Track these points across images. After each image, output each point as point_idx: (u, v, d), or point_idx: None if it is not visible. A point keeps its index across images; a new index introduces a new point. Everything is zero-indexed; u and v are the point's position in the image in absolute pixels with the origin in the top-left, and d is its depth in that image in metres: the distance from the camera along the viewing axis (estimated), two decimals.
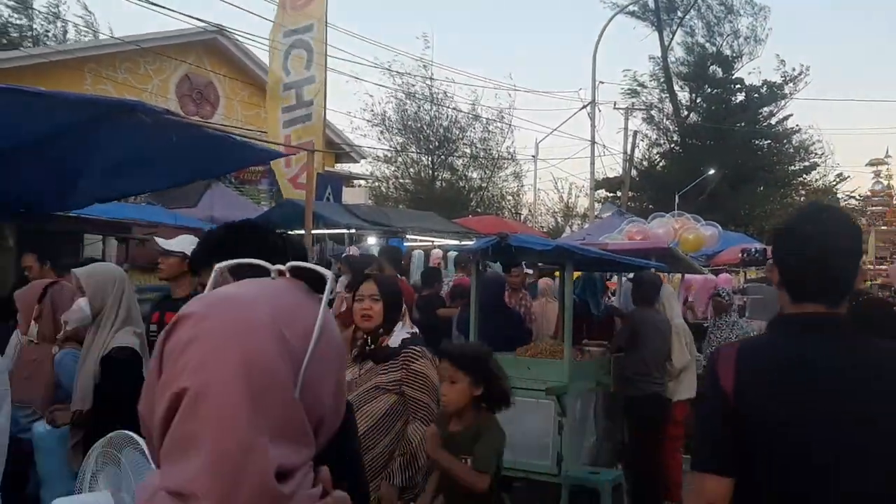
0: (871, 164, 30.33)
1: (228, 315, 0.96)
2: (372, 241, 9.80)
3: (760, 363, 1.88)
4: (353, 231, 9.01)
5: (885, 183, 29.83)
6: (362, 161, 31.23)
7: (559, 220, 39.41)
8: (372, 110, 35.19)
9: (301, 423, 0.96)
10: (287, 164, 10.75)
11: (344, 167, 25.51)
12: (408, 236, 9.46)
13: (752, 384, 1.84)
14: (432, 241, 9.82)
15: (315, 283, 1.10)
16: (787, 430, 1.78)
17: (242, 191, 16.30)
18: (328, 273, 1.11)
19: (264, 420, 0.90)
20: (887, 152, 30.18)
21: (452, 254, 9.09)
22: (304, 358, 0.96)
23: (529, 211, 41.07)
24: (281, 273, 1.09)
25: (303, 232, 7.57)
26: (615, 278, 8.07)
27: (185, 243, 4.19)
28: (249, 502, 0.86)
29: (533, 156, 30.20)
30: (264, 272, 1.10)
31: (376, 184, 36.85)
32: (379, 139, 36.07)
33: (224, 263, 1.13)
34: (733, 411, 1.82)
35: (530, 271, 8.09)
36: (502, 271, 6.69)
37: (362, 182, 30.49)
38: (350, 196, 21.26)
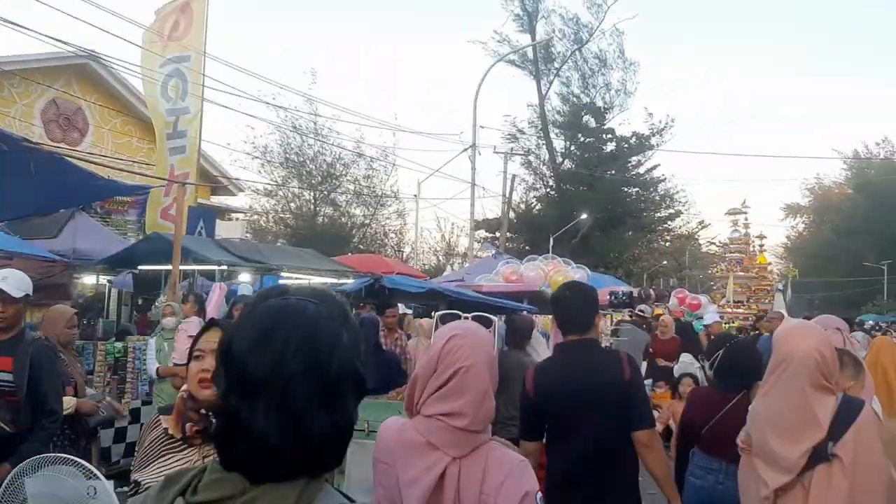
0: (729, 213, 32.43)
1: (478, 334, 2.15)
2: (245, 278, 9.52)
3: (543, 372, 3.39)
4: (223, 267, 8.72)
5: (743, 231, 31.92)
6: (240, 194, 30.54)
7: (440, 258, 39.82)
8: (253, 143, 34.53)
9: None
10: (167, 192, 10.38)
11: (221, 200, 24.84)
12: (282, 274, 9.26)
13: (538, 385, 3.31)
14: (309, 280, 9.65)
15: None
16: (553, 409, 3.27)
17: (108, 221, 15.54)
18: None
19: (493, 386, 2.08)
20: (744, 202, 32.41)
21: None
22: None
23: (412, 249, 41.32)
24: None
25: (170, 267, 7.30)
26: None
27: (24, 285, 3.81)
28: (486, 419, 2.02)
29: (415, 195, 30.39)
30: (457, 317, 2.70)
31: (255, 217, 36.06)
32: (259, 172, 35.40)
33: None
34: (533, 402, 3.31)
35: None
36: (377, 313, 6.65)
37: (241, 216, 29.77)
38: (226, 230, 20.68)
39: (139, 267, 9.78)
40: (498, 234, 34.10)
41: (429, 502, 1.92)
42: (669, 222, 42.20)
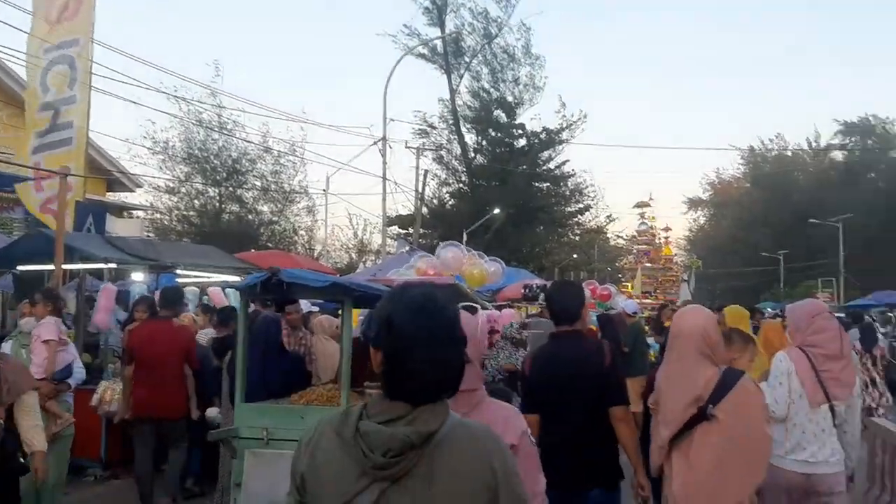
0: (637, 206, 33.08)
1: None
2: (139, 277, 8.87)
3: (539, 358, 3.98)
4: (112, 266, 8.05)
5: (649, 224, 32.62)
6: (140, 190, 29.13)
7: (353, 256, 39.18)
8: (153, 137, 32.98)
9: None
10: (38, 188, 9.55)
11: (118, 196, 23.60)
12: (178, 272, 8.65)
13: (535, 369, 3.89)
14: (209, 277, 9.07)
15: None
16: (546, 388, 3.80)
17: None
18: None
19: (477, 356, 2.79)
20: (650, 196, 33.15)
21: (231, 291, 8.42)
22: None
23: (324, 247, 40.53)
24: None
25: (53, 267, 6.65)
26: None
27: None
28: (477, 380, 2.58)
29: (324, 190, 29.80)
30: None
31: (157, 215, 34.51)
32: (161, 168, 33.81)
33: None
34: (529, 383, 3.91)
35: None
36: (276, 310, 6.18)
37: (141, 213, 28.41)
38: (124, 227, 19.62)
39: (18, 267, 8.98)
40: (411, 230, 33.81)
41: None
42: (579, 216, 42.81)
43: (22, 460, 4.12)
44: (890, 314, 26.20)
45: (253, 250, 16.23)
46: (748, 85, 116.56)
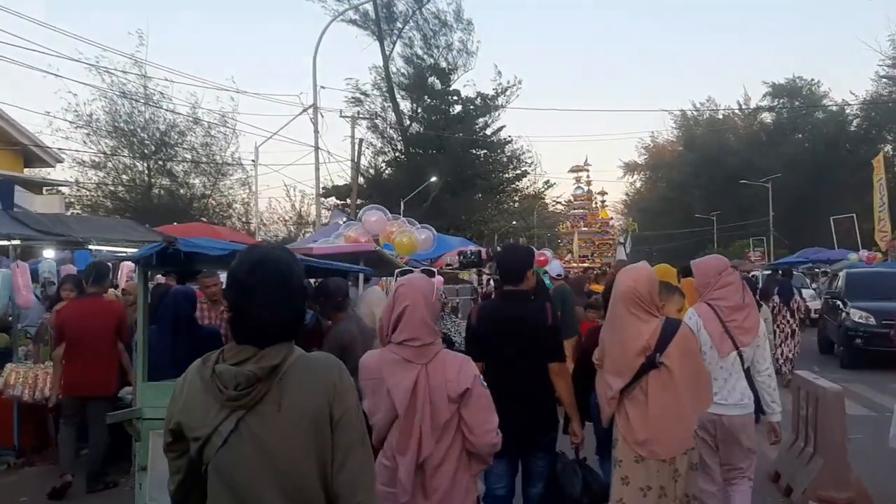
0: (572, 170, 33.23)
1: (414, 281, 3.17)
2: (49, 254, 8.39)
3: (485, 311, 4.34)
4: (16, 243, 7.58)
5: (585, 188, 32.82)
6: (63, 166, 27.95)
7: (291, 228, 38.50)
8: (76, 111, 31.59)
9: None
10: None
11: (36, 172, 22.53)
12: (91, 247, 8.21)
13: (481, 320, 4.20)
14: (125, 252, 8.63)
15: None
16: (490, 339, 4.03)
17: None
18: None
19: (431, 313, 3.18)
20: (586, 160, 33.29)
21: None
22: None
23: (260, 220, 39.76)
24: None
25: None
26: None
27: None
28: (432, 335, 3.08)
29: (253, 160, 28.98)
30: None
31: (84, 192, 33.21)
32: (85, 142, 32.44)
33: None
34: (475, 333, 4.17)
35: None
36: (178, 282, 5.81)
37: (66, 189, 27.25)
38: (44, 204, 18.74)
39: None
40: (349, 201, 33.32)
41: (411, 397, 2.88)
42: (517, 183, 42.89)
43: None
44: (817, 270, 27.02)
45: (175, 224, 15.65)
46: (681, 48, 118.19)
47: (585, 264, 26.12)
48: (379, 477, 2.71)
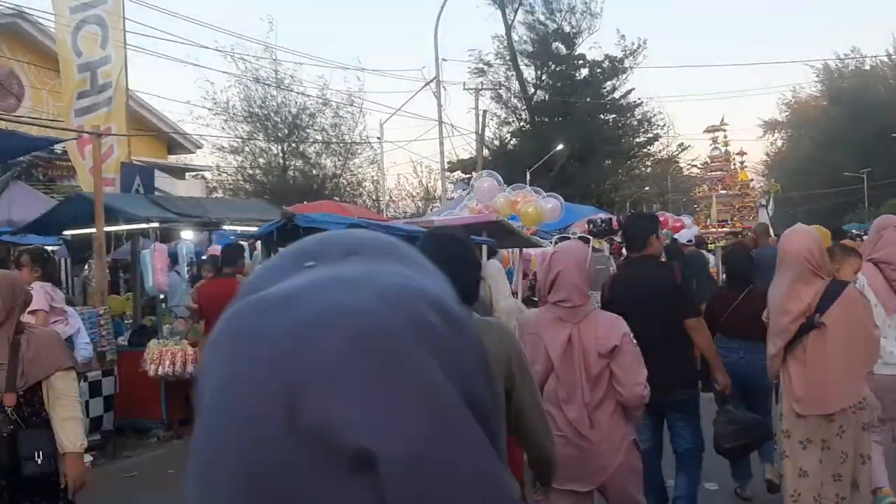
0: (708, 130, 31.54)
1: (568, 247, 4.18)
2: (187, 236, 8.71)
3: (615, 282, 4.65)
4: (154, 225, 7.89)
5: (722, 149, 31.12)
6: (201, 152, 29.35)
7: (419, 204, 38.91)
8: (214, 98, 33.08)
9: None
10: (83, 154, 9.44)
11: (180, 158, 23.74)
12: (225, 227, 8.44)
13: (612, 290, 4.51)
14: (251, 230, 8.86)
15: None
16: (622, 306, 3.87)
17: (53, 188, 14.59)
18: None
19: (583, 278, 3.68)
20: (723, 119, 31.49)
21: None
22: None
23: (391, 197, 40.41)
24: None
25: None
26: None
27: None
28: (583, 298, 3.46)
29: (378, 137, 29.34)
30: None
31: (223, 176, 34.86)
32: (223, 128, 33.97)
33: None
34: (610, 301, 4.33)
35: None
36: None
37: (206, 174, 28.65)
38: (185, 189, 19.73)
39: (64, 232, 8.92)
40: (474, 175, 33.22)
41: (565, 351, 3.16)
42: (649, 147, 41.29)
43: (38, 461, 3.28)
44: None
45: (305, 203, 16.04)
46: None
47: (725, 229, 24.77)
48: None
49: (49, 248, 10.09)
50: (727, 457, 4.83)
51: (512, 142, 39.27)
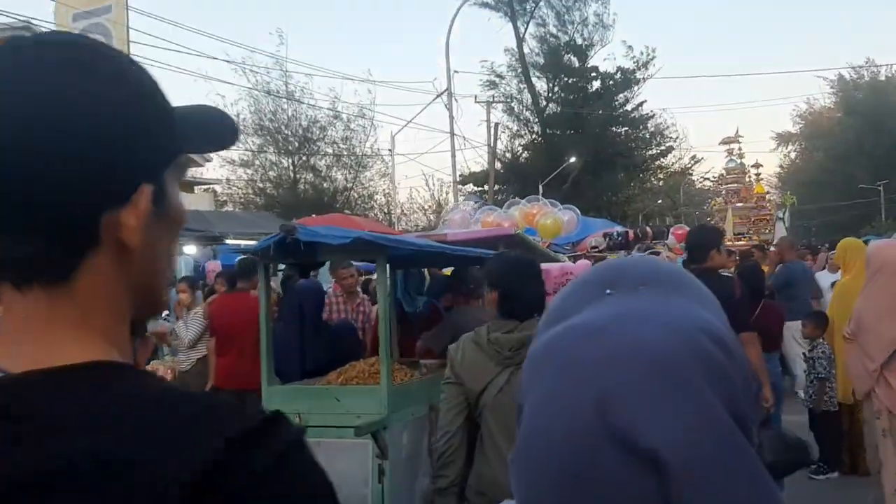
0: (723, 142, 31.13)
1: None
2: (190, 251, 8.38)
3: None
4: None
5: (738, 161, 30.68)
6: (211, 166, 29.21)
7: (430, 216, 38.64)
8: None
9: None
10: None
11: (189, 172, 23.58)
12: (228, 241, 8.13)
13: None
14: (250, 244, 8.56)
15: None
16: None
17: None
18: None
19: None
20: (737, 131, 31.09)
21: None
22: None
23: (402, 210, 40.16)
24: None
25: None
26: None
27: None
28: None
29: (389, 150, 29.11)
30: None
31: (232, 189, 34.72)
32: None
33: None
34: None
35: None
36: (301, 275, 5.44)
37: (217, 188, 28.47)
38: (193, 202, 19.50)
39: None
40: (486, 188, 32.88)
41: None
42: (662, 159, 40.88)
43: None
44: None
45: (314, 216, 15.74)
46: (833, 9, 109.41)
47: (741, 242, 24.29)
48: None
49: None
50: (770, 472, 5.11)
51: (524, 155, 38.96)
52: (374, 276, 8.15)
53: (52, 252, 0.66)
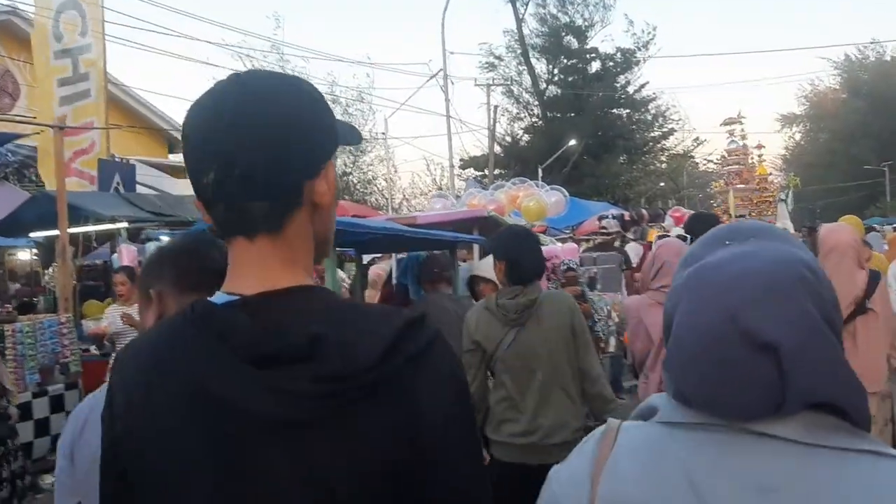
0: (725, 123, 30.73)
1: (670, 243, 4.31)
2: (164, 238, 8.13)
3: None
4: (123, 225, 7.31)
5: (740, 142, 30.31)
6: None
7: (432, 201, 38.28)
8: None
9: None
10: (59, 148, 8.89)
11: (181, 157, 23.29)
12: (205, 227, 7.87)
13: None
14: None
15: None
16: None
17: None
18: None
19: None
20: (740, 113, 30.73)
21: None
22: None
23: (404, 195, 39.86)
24: None
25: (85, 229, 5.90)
26: None
27: None
28: None
29: (383, 133, 28.75)
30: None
31: None
32: None
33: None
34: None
35: None
36: None
37: None
38: (187, 187, 19.24)
39: (33, 234, 8.39)
40: (486, 172, 32.55)
41: (661, 333, 3.48)
42: (664, 141, 40.46)
43: None
44: None
45: None
46: None
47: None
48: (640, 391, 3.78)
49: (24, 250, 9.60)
50: None
51: (524, 138, 38.57)
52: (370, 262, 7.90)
53: (273, 211, 0.98)
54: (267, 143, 0.95)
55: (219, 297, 0.99)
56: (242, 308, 0.95)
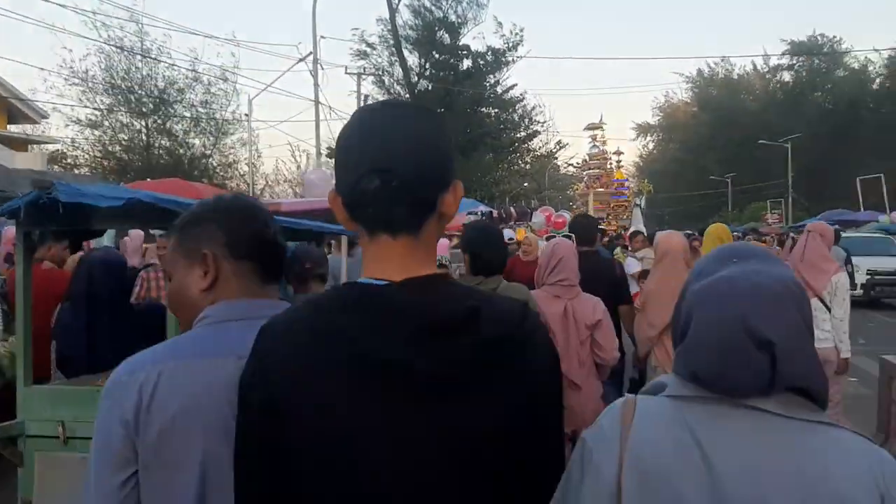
0: (587, 128, 31.72)
1: (565, 241, 4.73)
2: None
3: None
4: None
5: (601, 147, 31.37)
6: (57, 125, 26.71)
7: (296, 189, 37.20)
8: (71, 67, 29.95)
9: None
10: None
11: (23, 128, 21.31)
12: None
13: None
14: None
15: None
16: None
17: None
18: None
19: (575, 264, 4.58)
20: (601, 118, 31.81)
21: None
22: None
23: (266, 181, 38.51)
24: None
25: None
26: None
27: None
28: (576, 278, 4.34)
29: (246, 114, 27.59)
30: None
31: (77, 151, 31.88)
32: (81, 100, 30.94)
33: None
34: None
35: None
36: (71, 248, 4.57)
37: (50, 146, 25.94)
38: (24, 162, 17.58)
39: None
40: (308, 167, 31.88)
41: (563, 320, 4.01)
42: (529, 142, 41.28)
43: None
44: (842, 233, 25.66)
45: (148, 180, 14.42)
46: (696, 3, 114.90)
47: (601, 227, 24.82)
48: None
49: None
50: None
51: None
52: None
53: (414, 216, 1.17)
54: (419, 161, 1.16)
55: (367, 282, 1.17)
56: (400, 288, 1.14)
